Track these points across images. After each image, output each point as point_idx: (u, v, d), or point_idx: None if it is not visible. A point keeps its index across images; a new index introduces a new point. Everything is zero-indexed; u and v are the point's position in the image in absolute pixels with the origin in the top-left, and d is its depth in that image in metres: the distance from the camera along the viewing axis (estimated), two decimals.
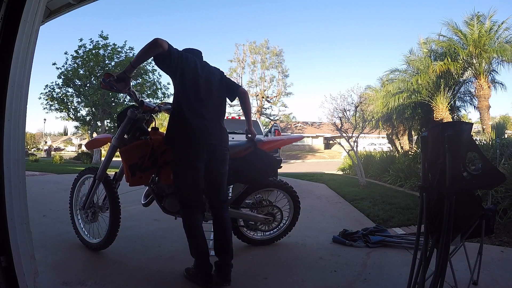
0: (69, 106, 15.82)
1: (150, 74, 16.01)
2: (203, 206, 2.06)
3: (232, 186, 2.64)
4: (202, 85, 1.92)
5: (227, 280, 1.85)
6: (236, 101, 2.24)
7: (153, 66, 15.99)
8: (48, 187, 5.67)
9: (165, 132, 2.00)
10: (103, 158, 2.30)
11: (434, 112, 10.02)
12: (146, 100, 2.27)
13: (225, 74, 2.16)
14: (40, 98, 15.58)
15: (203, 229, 1.92)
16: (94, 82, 15.88)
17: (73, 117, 16.11)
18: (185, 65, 1.87)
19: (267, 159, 2.32)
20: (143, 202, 2.33)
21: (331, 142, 34.59)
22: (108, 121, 17.05)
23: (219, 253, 1.93)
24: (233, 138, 6.31)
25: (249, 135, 2.29)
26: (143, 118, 2.25)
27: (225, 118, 2.09)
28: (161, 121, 29.09)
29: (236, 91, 2.13)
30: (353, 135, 7.25)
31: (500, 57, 9.38)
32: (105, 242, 2.31)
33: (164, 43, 1.75)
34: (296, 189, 2.75)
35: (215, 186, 1.98)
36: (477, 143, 4.61)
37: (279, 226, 2.68)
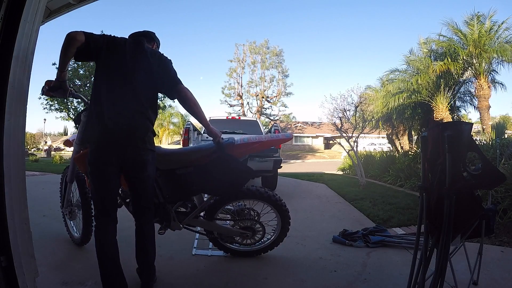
0: (69, 106, 15.80)
1: None
2: (115, 218, 1.71)
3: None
4: (124, 76, 1.64)
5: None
6: (236, 101, 2.18)
7: None
8: (48, 187, 5.67)
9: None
10: None
11: (434, 112, 10.01)
12: None
13: (170, 64, 1.79)
14: (40, 98, 15.56)
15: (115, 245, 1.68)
16: None
17: (73, 117, 16.09)
18: (106, 53, 1.63)
19: (236, 168, 1.93)
20: None
21: (331, 142, 34.58)
22: None
23: (140, 271, 1.80)
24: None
25: (212, 138, 1.91)
26: None
27: (226, 118, 2.04)
28: (161, 121, 29.13)
29: (171, 90, 1.76)
30: (353, 135, 7.25)
31: (500, 57, 9.37)
32: (82, 238, 2.43)
33: (79, 34, 1.54)
34: (296, 189, 2.74)
35: (135, 192, 1.76)
36: (477, 143, 4.62)
37: (262, 240, 2.36)
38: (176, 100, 1.81)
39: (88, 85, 16.14)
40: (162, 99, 16.98)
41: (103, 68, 1.65)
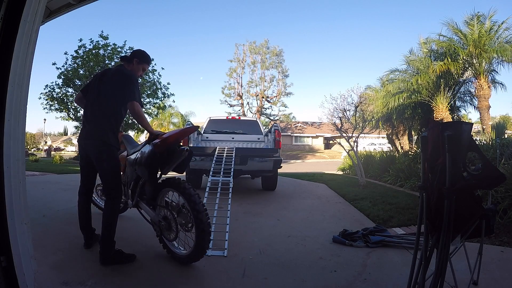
0: (69, 106, 15.71)
1: (150, 74, 15.95)
2: (88, 192, 2.49)
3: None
4: (94, 95, 2.32)
5: (100, 259, 2.14)
6: (236, 101, 2.30)
7: (153, 66, 15.95)
8: (48, 187, 5.67)
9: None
10: None
11: (434, 112, 10.02)
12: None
13: (128, 82, 2.24)
14: (40, 98, 15.49)
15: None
16: None
17: (73, 117, 16.02)
18: (89, 86, 2.44)
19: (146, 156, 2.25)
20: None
21: (331, 142, 34.59)
22: None
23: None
24: (233, 138, 6.27)
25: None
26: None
27: (226, 118, 2.08)
28: (161, 121, 29.14)
29: (126, 103, 2.25)
30: (353, 135, 7.25)
31: (500, 57, 9.39)
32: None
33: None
34: (296, 189, 2.74)
35: (101, 179, 2.32)
36: (477, 143, 4.62)
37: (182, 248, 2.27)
38: (175, 100, 2.03)
39: None
40: (162, 99, 16.96)
41: (87, 96, 2.39)
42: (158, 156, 2.17)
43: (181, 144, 2.33)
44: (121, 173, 2.63)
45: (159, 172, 2.31)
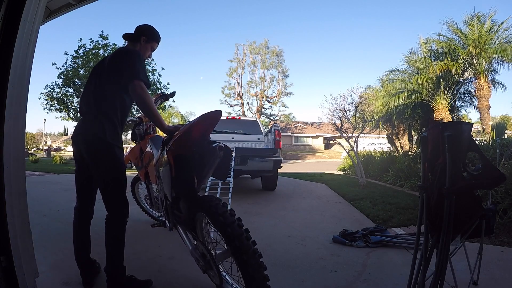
0: (69, 106, 15.73)
1: (150, 74, 15.97)
2: (87, 210, 1.88)
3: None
4: (91, 84, 1.84)
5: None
6: (236, 101, 2.19)
7: (153, 66, 15.99)
8: (48, 187, 5.67)
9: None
10: None
11: (434, 112, 10.01)
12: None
13: (130, 58, 1.73)
14: (40, 98, 15.51)
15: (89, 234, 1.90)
16: None
17: (73, 117, 16.01)
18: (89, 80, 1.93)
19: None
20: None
21: (331, 142, 34.59)
22: None
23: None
24: (233, 138, 6.26)
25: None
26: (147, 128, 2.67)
27: (226, 118, 2.02)
28: None
29: (127, 84, 1.67)
30: (353, 135, 7.25)
31: (500, 57, 9.37)
32: None
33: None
34: (296, 189, 2.73)
35: (99, 187, 1.81)
36: (477, 143, 4.62)
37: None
38: (175, 100, 1.82)
39: None
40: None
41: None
42: (177, 166, 1.52)
43: (214, 141, 1.64)
44: (155, 184, 2.11)
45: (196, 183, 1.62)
